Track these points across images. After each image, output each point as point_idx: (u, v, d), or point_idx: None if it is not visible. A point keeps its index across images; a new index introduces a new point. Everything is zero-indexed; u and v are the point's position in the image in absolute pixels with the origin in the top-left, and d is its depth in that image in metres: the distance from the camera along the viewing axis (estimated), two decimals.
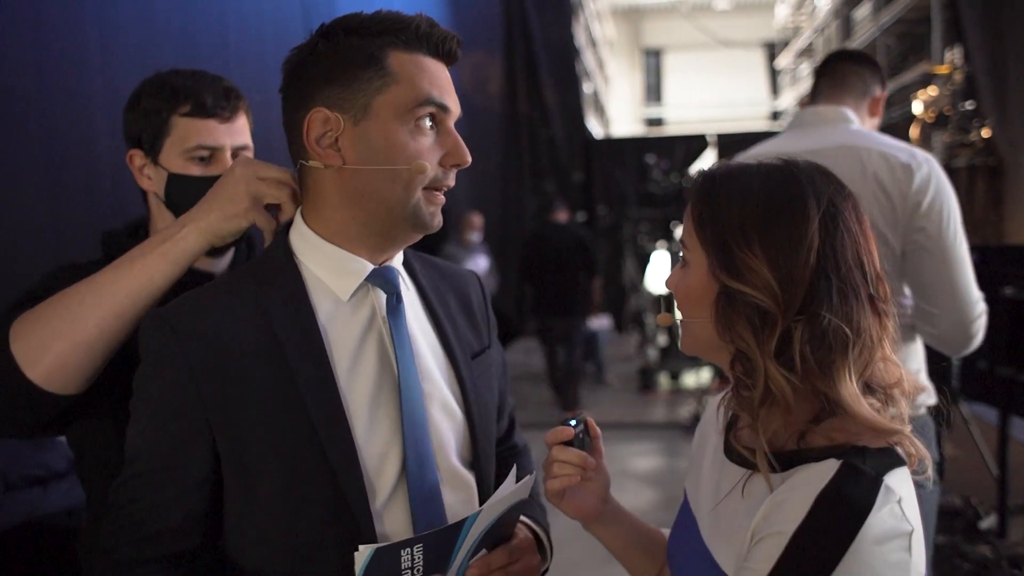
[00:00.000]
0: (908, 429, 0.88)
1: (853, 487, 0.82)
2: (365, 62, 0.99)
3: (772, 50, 26.33)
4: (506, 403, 1.29)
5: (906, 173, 1.92)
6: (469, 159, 1.03)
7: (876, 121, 2.21)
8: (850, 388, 0.87)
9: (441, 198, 1.04)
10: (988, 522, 3.63)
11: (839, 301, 0.88)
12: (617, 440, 5.71)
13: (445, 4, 8.32)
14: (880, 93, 2.19)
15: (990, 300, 2.01)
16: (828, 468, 0.84)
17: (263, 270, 1.04)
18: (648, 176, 7.77)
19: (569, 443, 1.03)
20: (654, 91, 30.24)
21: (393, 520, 1.00)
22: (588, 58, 17.24)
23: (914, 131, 8.31)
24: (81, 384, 1.08)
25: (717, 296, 0.91)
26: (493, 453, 1.16)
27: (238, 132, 1.35)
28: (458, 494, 1.06)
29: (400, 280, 1.07)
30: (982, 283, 1.97)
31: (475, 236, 7.35)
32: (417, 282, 1.13)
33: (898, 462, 0.86)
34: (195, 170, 1.32)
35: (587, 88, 16.20)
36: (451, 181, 1.04)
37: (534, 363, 8.84)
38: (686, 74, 27.25)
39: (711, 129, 11.29)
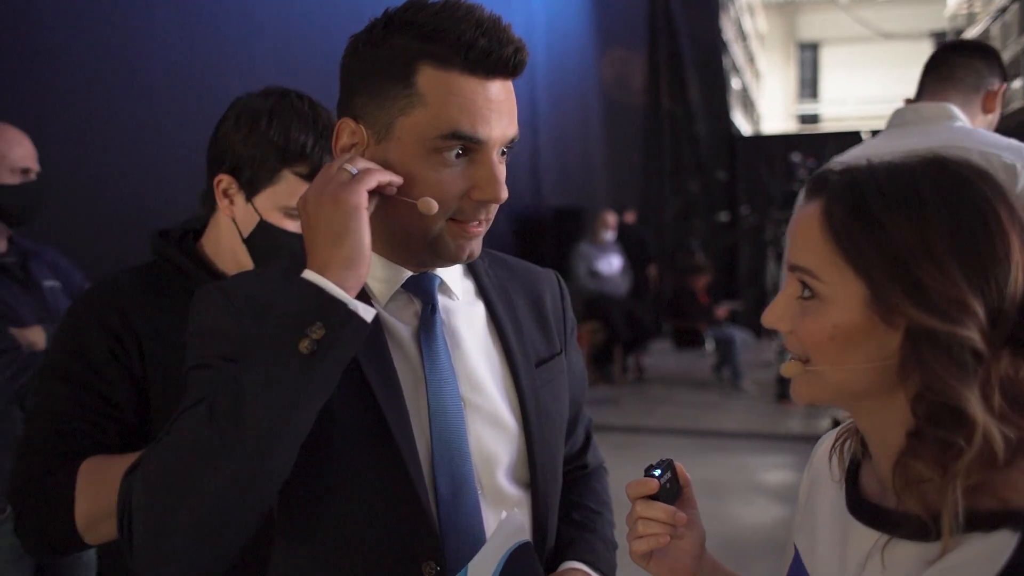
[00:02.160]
0: None
1: None
2: (394, 74, 0.88)
3: (942, 41, 24.56)
4: (581, 416, 1.17)
5: (1009, 175, 1.72)
6: (503, 196, 0.89)
7: (992, 117, 2.02)
8: None
9: (475, 230, 0.92)
10: None
11: None
12: (749, 451, 5.45)
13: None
14: (998, 86, 1.98)
15: None
16: (1003, 543, 0.67)
17: None
18: (794, 176, 7.39)
19: (655, 496, 0.90)
20: (809, 86, 28.91)
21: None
22: (737, 52, 16.70)
23: None
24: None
25: (904, 338, 0.73)
26: (558, 469, 1.06)
27: None
28: (504, 514, 0.96)
29: (443, 287, 1.00)
30: None
31: (609, 235, 7.26)
32: (479, 283, 1.05)
33: None
34: (289, 225, 1.26)
35: (735, 84, 15.69)
36: (485, 215, 0.92)
37: (668, 365, 8.65)
38: (845, 69, 25.86)
39: (870, 126, 10.64)
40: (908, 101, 2.07)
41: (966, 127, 1.93)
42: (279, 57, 3.09)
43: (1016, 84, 16.09)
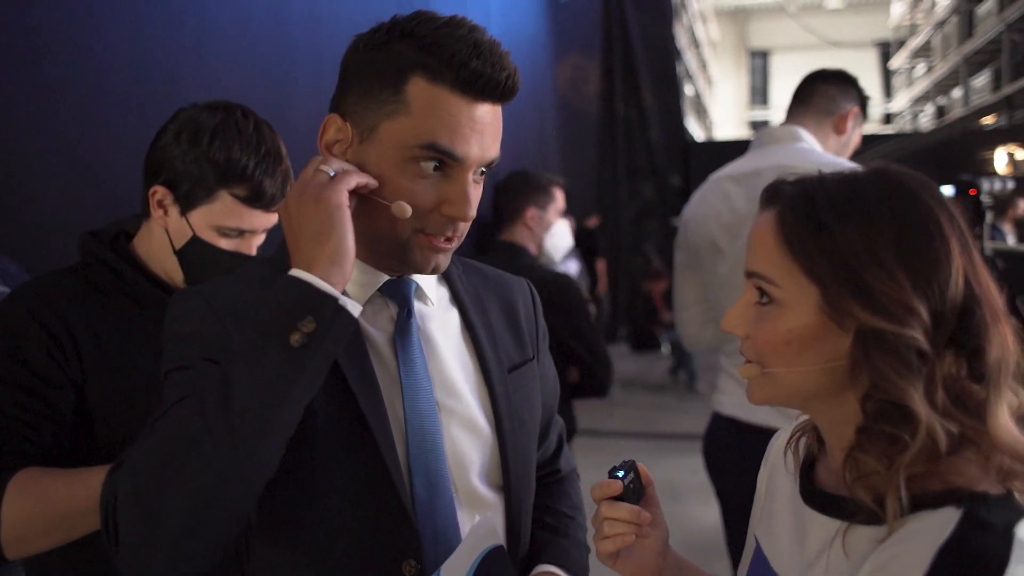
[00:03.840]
0: None
1: (982, 541, 0.70)
2: (385, 79, 0.89)
3: (886, 50, 25.26)
4: (553, 422, 1.19)
5: None
6: (470, 215, 0.91)
7: (844, 138, 2.17)
8: (1006, 422, 0.76)
9: (443, 245, 0.93)
10: None
11: (992, 326, 0.77)
12: None
13: (542, 4, 8.30)
14: (847, 109, 2.14)
15: None
16: (947, 518, 0.72)
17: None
18: None
19: (620, 496, 0.93)
20: (760, 93, 29.50)
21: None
22: (690, 60, 16.95)
23: None
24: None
25: (854, 339, 0.77)
26: (530, 473, 1.07)
27: (275, 216, 1.29)
28: (477, 518, 0.98)
29: (419, 292, 1.01)
30: None
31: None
32: (453, 290, 1.06)
33: (1023, 512, 0.74)
34: (222, 243, 1.26)
35: (688, 90, 15.92)
36: (453, 231, 0.93)
37: (626, 369, 8.72)
38: (794, 76, 26.36)
39: None
40: (782, 123, 2.25)
41: (805, 148, 2.07)
42: (233, 61, 3.05)
43: (956, 94, 16.60)
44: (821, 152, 2.08)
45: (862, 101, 2.19)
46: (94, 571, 1.17)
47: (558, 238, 2.69)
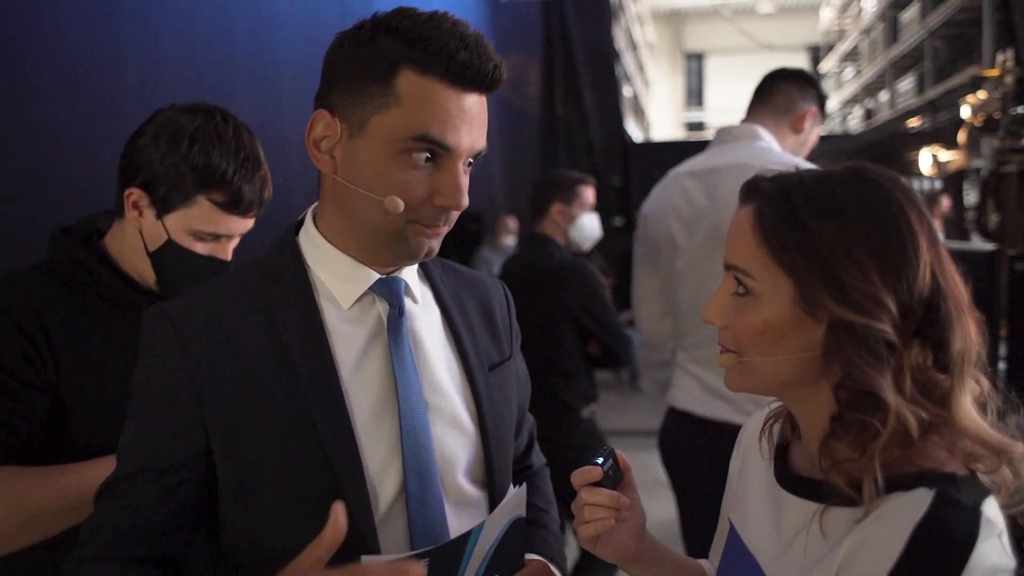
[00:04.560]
0: (1020, 449, 0.80)
1: (953, 518, 0.75)
2: (374, 74, 0.90)
3: (816, 53, 26.00)
4: (525, 419, 1.22)
5: None
6: (463, 203, 0.93)
7: (802, 137, 2.20)
8: (968, 409, 0.81)
9: (437, 230, 0.96)
10: None
11: (956, 319, 0.81)
12: (649, 448, 5.58)
13: (484, 6, 8.32)
14: (805, 109, 2.17)
15: None
16: (920, 498, 0.76)
17: (270, 270, 0.99)
18: None
19: (599, 483, 0.95)
20: (695, 95, 30.03)
21: (391, 536, 0.95)
22: (628, 61, 17.16)
23: (962, 136, 8.07)
24: None
25: (826, 331, 0.81)
26: (509, 470, 1.09)
27: (251, 221, 1.29)
28: (464, 513, 1.00)
29: (408, 291, 1.02)
30: None
31: (510, 239, 7.32)
32: (435, 289, 1.07)
33: (987, 491, 0.79)
34: (198, 247, 1.25)
35: (627, 92, 16.12)
36: (445, 220, 0.95)
37: None
38: (728, 78, 27.06)
39: None
40: (742, 121, 2.28)
41: (764, 146, 2.11)
42: (178, 59, 2.99)
43: (883, 97, 17.19)
44: (779, 151, 2.12)
45: (820, 101, 2.22)
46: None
47: (585, 230, 3.08)
